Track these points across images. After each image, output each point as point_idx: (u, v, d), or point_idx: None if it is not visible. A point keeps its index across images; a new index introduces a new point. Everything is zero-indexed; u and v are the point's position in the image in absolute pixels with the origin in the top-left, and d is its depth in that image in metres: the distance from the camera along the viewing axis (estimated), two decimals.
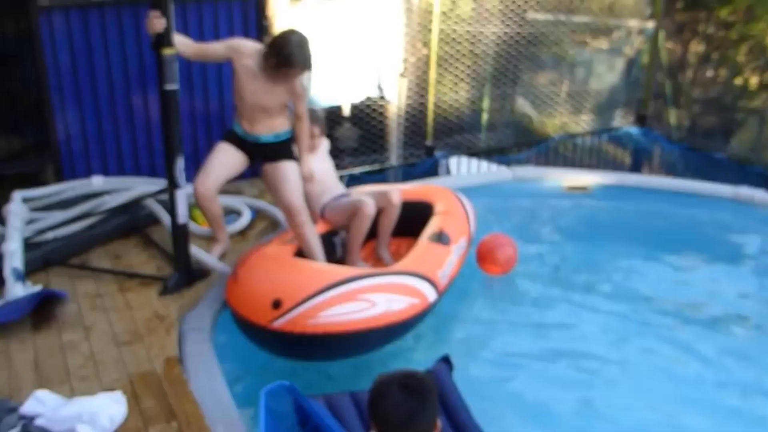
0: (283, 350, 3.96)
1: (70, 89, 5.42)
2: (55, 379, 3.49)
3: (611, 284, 5.45)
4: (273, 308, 3.76)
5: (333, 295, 3.80)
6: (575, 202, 6.59)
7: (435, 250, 4.55)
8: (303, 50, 4.23)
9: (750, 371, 4.40)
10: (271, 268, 4.06)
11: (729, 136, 8.40)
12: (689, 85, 9.02)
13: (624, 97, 8.65)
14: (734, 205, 6.39)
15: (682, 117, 9.01)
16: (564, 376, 4.30)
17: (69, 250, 4.70)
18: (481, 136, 8.18)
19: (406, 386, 2.23)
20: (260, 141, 4.49)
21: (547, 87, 8.36)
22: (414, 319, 4.07)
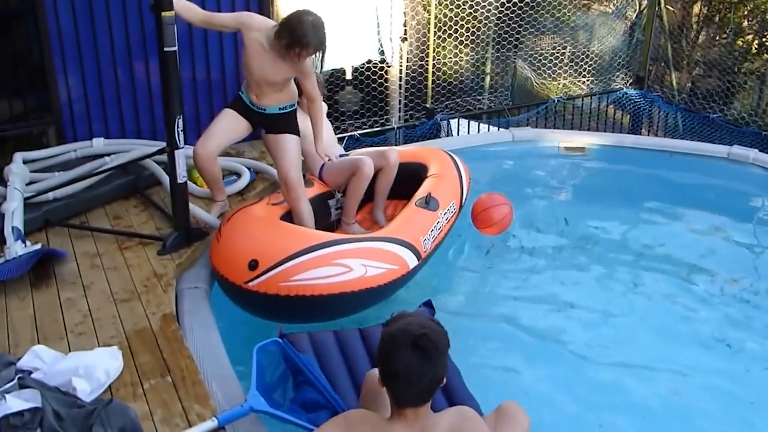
0: (259, 311, 3.94)
1: (71, 52, 5.33)
2: (53, 335, 3.47)
3: (606, 243, 5.43)
4: (249, 269, 3.76)
5: (308, 259, 3.76)
6: (572, 163, 6.53)
7: (421, 216, 4.48)
8: (317, 32, 4.09)
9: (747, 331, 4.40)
10: (251, 228, 4.02)
11: (729, 98, 8.27)
12: (690, 47, 8.86)
13: (624, 59, 8.50)
14: (727, 164, 6.30)
15: (683, 79, 8.88)
16: (558, 335, 4.28)
17: (69, 210, 4.65)
18: (483, 98, 8.08)
19: (418, 346, 2.17)
20: (266, 112, 4.41)
21: (549, 50, 8.22)
22: (392, 284, 4.03)
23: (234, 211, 4.23)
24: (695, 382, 3.85)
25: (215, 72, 5.89)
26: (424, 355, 2.16)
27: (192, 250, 4.32)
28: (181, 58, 5.42)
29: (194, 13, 4.23)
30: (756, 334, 4.37)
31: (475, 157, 5.94)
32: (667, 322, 4.44)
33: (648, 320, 4.45)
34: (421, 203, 4.55)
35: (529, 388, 3.70)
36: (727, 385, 3.84)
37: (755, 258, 5.30)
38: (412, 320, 2.26)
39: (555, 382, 3.84)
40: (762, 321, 4.48)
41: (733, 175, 6.27)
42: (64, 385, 3.03)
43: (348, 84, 7.35)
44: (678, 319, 4.49)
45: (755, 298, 4.73)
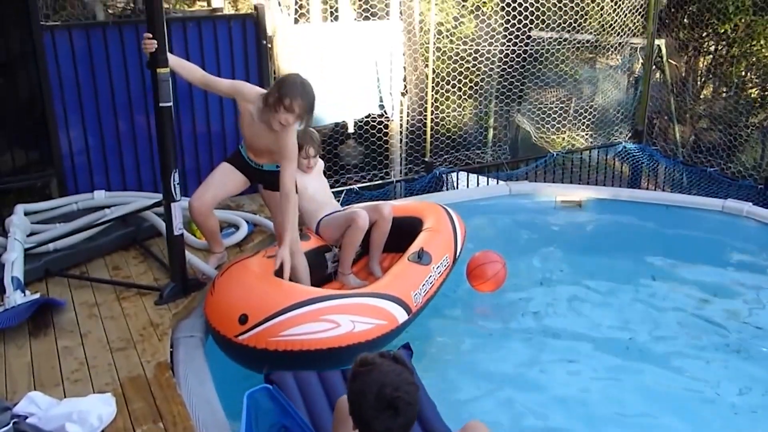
0: (248, 364, 4.09)
1: (73, 106, 5.59)
2: (50, 382, 3.61)
3: (602, 296, 5.53)
4: (239, 323, 3.93)
5: (297, 314, 3.93)
6: (569, 216, 6.71)
7: (412, 270, 4.65)
8: (301, 92, 4.22)
9: (742, 379, 4.50)
10: (244, 282, 4.20)
11: (733, 152, 8.47)
12: (693, 101, 9.10)
13: (627, 113, 8.74)
14: (722, 217, 6.47)
15: (686, 133, 9.09)
16: (550, 390, 4.36)
17: (69, 260, 4.84)
18: (486, 151, 8.31)
19: (393, 407, 2.26)
20: (263, 169, 4.62)
21: (551, 104, 8.47)
22: (380, 339, 4.15)
23: (229, 264, 4.41)
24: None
25: (215, 124, 6.13)
26: (399, 413, 2.27)
27: (189, 300, 4.48)
28: (182, 110, 5.73)
29: (194, 74, 4.46)
30: (752, 382, 4.46)
31: (473, 211, 6.13)
32: (662, 374, 4.54)
33: (642, 372, 4.55)
34: (413, 258, 4.72)
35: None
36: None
37: (750, 310, 5.39)
38: (384, 378, 2.32)
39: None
40: (757, 370, 4.59)
41: (728, 228, 6.43)
42: (58, 430, 3.17)
43: (349, 137, 7.60)
44: (673, 371, 4.58)
45: (749, 348, 4.85)
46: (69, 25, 5.59)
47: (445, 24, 7.82)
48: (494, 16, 8.09)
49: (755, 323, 5.14)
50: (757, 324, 5.13)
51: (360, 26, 7.19)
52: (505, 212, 6.74)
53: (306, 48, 6.74)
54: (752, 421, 4.15)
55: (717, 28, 8.53)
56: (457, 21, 8.01)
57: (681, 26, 9.00)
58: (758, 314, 5.29)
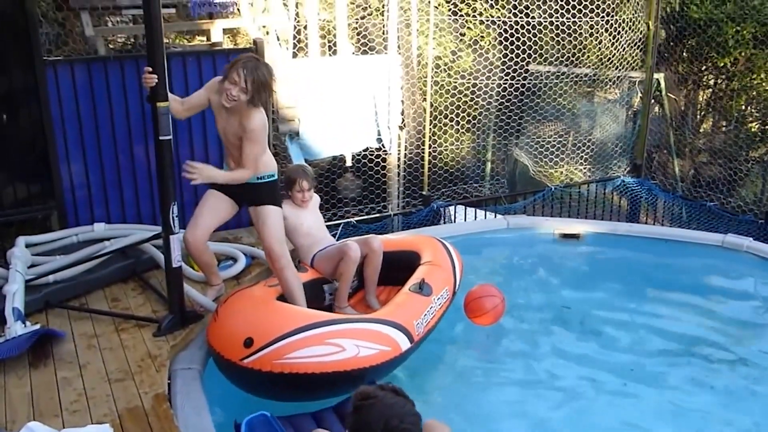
0: (253, 387, 4.21)
1: (74, 140, 5.75)
2: (49, 412, 3.72)
3: (601, 331, 5.62)
4: (244, 346, 4.04)
5: (302, 337, 4.05)
6: (568, 250, 6.81)
7: (414, 301, 4.78)
8: (249, 67, 4.30)
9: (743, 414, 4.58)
10: (247, 307, 4.35)
11: (733, 186, 8.59)
12: (692, 135, 9.25)
13: (627, 147, 8.88)
14: (722, 252, 6.56)
15: (686, 167, 9.23)
16: (548, 422, 4.46)
17: (69, 292, 4.97)
18: (484, 185, 8.46)
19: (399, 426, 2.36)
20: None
21: (549, 137, 8.63)
22: (384, 365, 4.28)
23: (231, 292, 4.54)
24: None
25: (214, 156, 6.21)
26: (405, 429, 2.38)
27: (187, 332, 4.60)
28: (181, 144, 5.87)
29: (179, 107, 4.55)
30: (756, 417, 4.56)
31: (471, 244, 6.26)
32: (663, 405, 4.65)
33: (644, 404, 4.65)
34: (414, 288, 4.86)
35: None
36: None
37: (750, 345, 5.48)
38: (389, 411, 2.43)
39: None
40: (760, 403, 4.69)
41: (728, 262, 6.51)
42: None
43: (347, 171, 7.76)
44: (674, 404, 4.68)
45: (751, 382, 4.95)
46: (71, 59, 5.78)
47: (443, 58, 8.03)
48: (492, 50, 8.30)
49: (757, 359, 5.23)
50: (758, 359, 5.22)
51: (358, 60, 7.39)
52: (503, 246, 6.86)
53: (304, 82, 6.93)
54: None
55: (716, 61, 8.70)
56: (454, 55, 8.22)
57: (680, 60, 9.17)
58: (759, 349, 5.39)
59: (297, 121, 7.03)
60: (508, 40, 7.91)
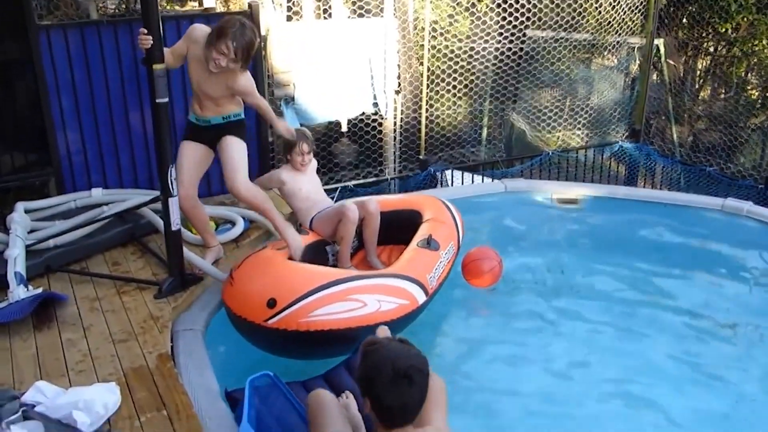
0: (277, 348, 4.29)
1: (69, 106, 5.80)
2: (55, 372, 3.83)
3: (598, 293, 5.73)
4: (268, 307, 4.11)
5: (325, 295, 4.13)
6: (565, 214, 6.88)
7: (424, 255, 4.88)
8: (236, 34, 4.36)
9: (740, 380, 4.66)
10: (265, 269, 4.42)
11: (731, 152, 8.66)
12: (691, 101, 9.31)
13: (624, 113, 8.95)
14: (722, 216, 6.62)
15: (684, 133, 9.30)
16: (544, 386, 4.54)
17: (69, 257, 5.06)
18: (480, 150, 8.52)
19: (408, 377, 2.42)
20: (210, 123, 4.81)
21: (547, 103, 8.67)
22: (403, 319, 4.38)
23: (243, 258, 4.61)
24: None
25: None
26: (414, 384, 2.45)
27: (187, 294, 4.71)
28: (177, 106, 5.91)
29: (167, 58, 4.50)
30: (751, 380, 4.67)
31: (468, 208, 6.31)
32: (661, 368, 4.74)
33: (639, 363, 4.77)
34: (422, 244, 4.96)
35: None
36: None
37: (748, 309, 5.57)
38: (394, 351, 2.52)
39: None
40: (757, 368, 4.80)
41: (728, 227, 6.57)
42: (65, 418, 3.38)
43: (343, 136, 7.82)
44: (672, 368, 4.77)
45: (748, 345, 5.08)
46: (64, 24, 5.80)
47: (439, 22, 8.04)
48: (489, 13, 8.30)
49: (754, 322, 5.35)
50: (756, 322, 5.34)
51: (353, 24, 7.40)
52: (500, 209, 6.93)
53: (299, 46, 6.96)
54: (751, 410, 4.37)
55: (718, 27, 8.72)
56: (451, 18, 8.23)
57: (680, 26, 9.20)
58: (757, 312, 5.50)
59: (292, 85, 7.07)
60: (506, 2, 7.92)
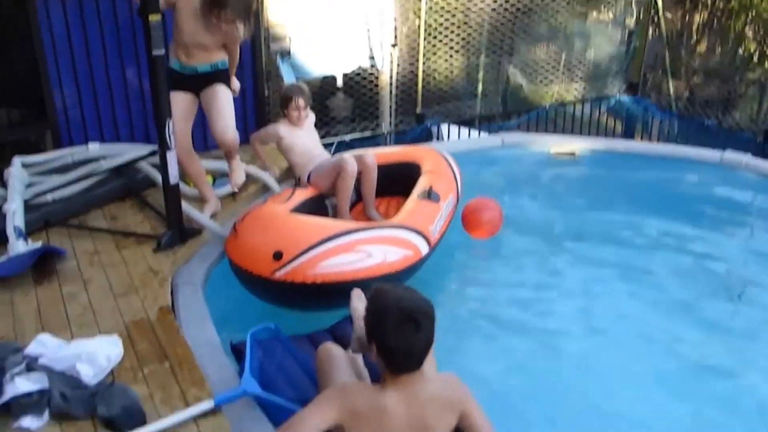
0: (284, 300, 4.30)
1: (65, 60, 5.75)
2: (57, 325, 3.85)
3: (595, 247, 5.70)
4: (274, 260, 4.11)
5: (331, 247, 4.14)
6: (562, 167, 6.88)
7: (425, 207, 4.89)
8: (239, 6, 4.47)
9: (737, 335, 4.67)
10: (270, 223, 4.42)
11: (728, 106, 8.65)
12: (688, 55, 9.26)
13: (621, 67, 8.91)
14: (720, 169, 6.63)
15: (680, 87, 9.27)
16: (542, 337, 4.55)
17: (67, 211, 5.06)
18: (475, 104, 8.49)
19: (414, 321, 2.42)
20: (197, 71, 4.81)
21: (543, 57, 8.63)
22: (408, 270, 4.40)
23: (245, 212, 4.62)
24: (683, 385, 4.14)
25: None
26: (420, 328, 2.44)
27: (186, 248, 4.72)
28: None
29: None
30: (746, 334, 4.67)
31: (465, 162, 6.30)
32: (658, 322, 4.73)
33: (636, 323, 4.73)
34: (423, 196, 4.97)
35: (507, 394, 3.97)
36: (718, 383, 4.15)
37: (747, 261, 5.59)
38: (400, 295, 2.52)
39: (536, 386, 4.07)
40: (752, 320, 4.81)
41: (726, 180, 6.60)
42: (68, 370, 3.41)
43: (338, 90, 7.78)
44: (667, 321, 4.76)
45: (744, 299, 5.07)
46: None
47: None
48: None
49: (751, 274, 5.36)
50: (753, 275, 5.35)
51: None
52: (497, 163, 6.93)
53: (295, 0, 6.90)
54: (742, 360, 4.39)
55: None
56: None
57: None
58: (755, 266, 5.52)
59: (288, 39, 7.02)
60: None
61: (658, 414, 3.87)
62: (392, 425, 2.47)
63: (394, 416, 2.47)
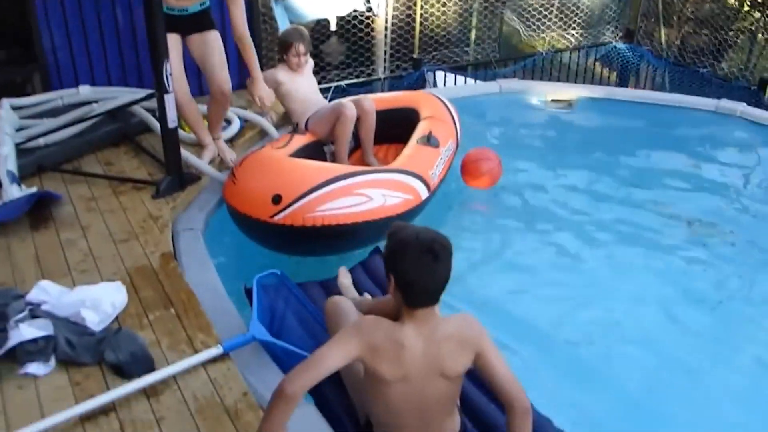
0: (283, 244, 4.24)
1: (53, 0, 5.53)
2: (57, 272, 3.76)
3: (591, 194, 5.71)
4: (273, 204, 4.04)
5: (330, 190, 4.07)
6: (559, 115, 6.83)
7: (425, 152, 4.83)
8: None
9: (729, 274, 4.72)
10: (269, 167, 4.33)
11: (719, 55, 8.62)
12: (681, 4, 9.17)
13: (614, 13, 8.80)
14: (715, 117, 6.65)
15: (672, 36, 9.20)
16: (535, 286, 4.54)
17: (61, 156, 4.92)
18: (469, 50, 8.39)
19: (432, 252, 2.42)
20: (188, 12, 4.68)
21: (537, 3, 8.51)
22: (408, 214, 4.34)
23: (243, 157, 4.52)
24: (670, 330, 4.17)
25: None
26: (438, 259, 2.43)
27: (185, 194, 4.62)
28: None
29: None
30: (738, 284, 4.68)
31: (462, 108, 6.21)
32: (652, 269, 4.76)
33: (629, 271, 4.75)
34: (422, 141, 4.90)
35: None
36: (708, 335, 4.16)
37: (741, 210, 5.60)
38: (418, 229, 2.53)
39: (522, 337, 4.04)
40: (744, 270, 4.81)
41: (721, 128, 6.61)
42: (72, 317, 3.34)
43: (333, 35, 7.63)
44: (661, 267, 4.80)
45: (737, 247, 5.09)
46: None
47: None
48: None
49: (746, 223, 5.40)
50: (745, 222, 5.39)
51: None
52: (495, 110, 6.87)
53: None
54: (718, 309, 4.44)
55: None
56: None
57: None
58: (749, 212, 5.55)
59: None
60: None
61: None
62: (409, 360, 2.47)
63: (412, 351, 2.47)
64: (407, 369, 2.47)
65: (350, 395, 2.98)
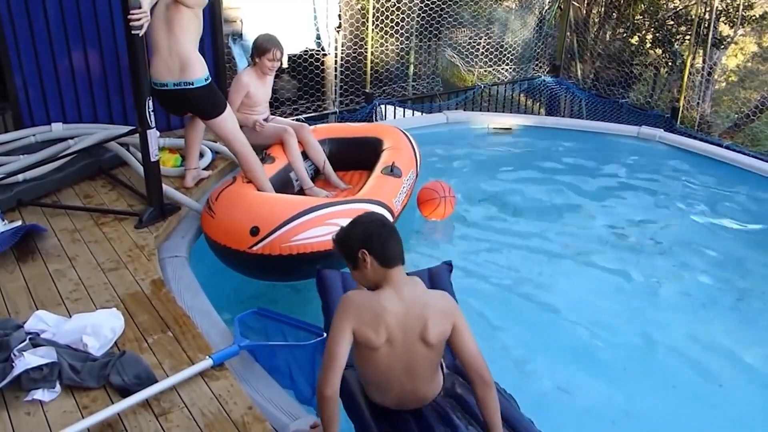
0: (262, 272, 4.26)
1: (25, 38, 5.34)
2: (50, 302, 3.61)
3: (532, 212, 5.84)
4: (251, 235, 4.07)
5: (304, 221, 4.12)
6: (500, 141, 7.07)
7: (388, 181, 4.88)
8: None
9: (662, 282, 4.90)
10: (243, 201, 4.34)
11: (628, 87, 9.04)
12: (593, 41, 9.55)
13: (539, 50, 9.09)
14: (637, 141, 7.08)
15: (586, 70, 9.56)
16: (484, 299, 4.54)
17: (40, 190, 4.73)
18: (408, 85, 8.53)
19: (387, 225, 2.74)
20: (167, 89, 4.53)
21: (468, 42, 8.72)
22: None
23: (218, 191, 4.48)
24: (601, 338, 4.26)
25: None
26: (393, 229, 2.73)
27: (167, 224, 4.52)
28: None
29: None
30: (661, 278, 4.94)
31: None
32: (589, 276, 4.93)
33: (568, 276, 4.91)
34: (386, 171, 4.97)
35: None
36: (648, 331, 4.31)
37: (665, 223, 5.83)
38: (369, 216, 2.86)
39: None
40: (665, 268, 5.07)
41: (642, 151, 7.01)
42: (74, 343, 3.23)
43: (284, 72, 7.62)
44: (601, 278, 4.93)
45: (663, 251, 5.31)
46: None
47: None
48: None
49: (670, 238, 5.58)
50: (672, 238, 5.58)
51: None
52: (444, 139, 6.99)
53: None
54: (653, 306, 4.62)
55: None
56: None
57: None
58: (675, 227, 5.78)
59: (239, 22, 6.84)
60: None
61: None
62: (392, 322, 2.60)
63: (394, 313, 2.60)
64: (390, 331, 2.59)
65: None
